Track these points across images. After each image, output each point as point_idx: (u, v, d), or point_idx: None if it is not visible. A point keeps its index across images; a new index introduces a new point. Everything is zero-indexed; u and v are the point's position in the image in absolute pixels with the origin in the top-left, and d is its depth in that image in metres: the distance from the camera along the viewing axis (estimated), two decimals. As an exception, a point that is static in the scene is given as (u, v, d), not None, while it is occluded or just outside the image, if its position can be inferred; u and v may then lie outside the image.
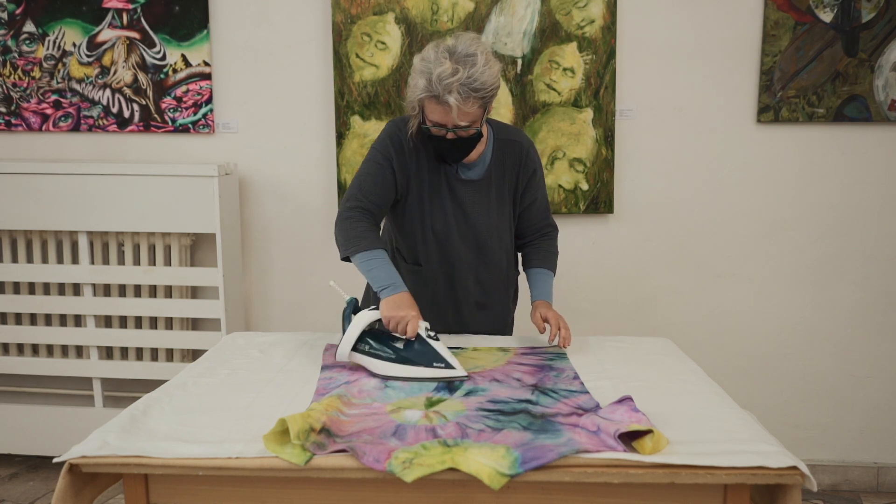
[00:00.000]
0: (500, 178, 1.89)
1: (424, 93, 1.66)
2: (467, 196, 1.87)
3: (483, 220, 1.89)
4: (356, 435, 1.32)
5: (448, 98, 1.63)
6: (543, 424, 1.36)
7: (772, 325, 2.76)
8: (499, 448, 1.25)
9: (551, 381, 1.62)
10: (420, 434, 1.32)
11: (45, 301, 2.72)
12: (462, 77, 1.62)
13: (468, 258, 1.92)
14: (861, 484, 2.80)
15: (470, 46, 1.66)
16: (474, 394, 1.54)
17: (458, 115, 1.66)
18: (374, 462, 1.22)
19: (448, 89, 1.62)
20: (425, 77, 1.65)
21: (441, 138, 1.74)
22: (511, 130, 1.95)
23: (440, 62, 1.64)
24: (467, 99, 1.64)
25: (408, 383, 1.60)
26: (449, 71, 1.62)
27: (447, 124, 1.70)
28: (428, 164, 1.85)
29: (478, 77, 1.63)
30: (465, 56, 1.64)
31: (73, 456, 1.25)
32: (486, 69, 1.65)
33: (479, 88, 1.64)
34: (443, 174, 1.86)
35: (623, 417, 1.32)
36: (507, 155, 1.88)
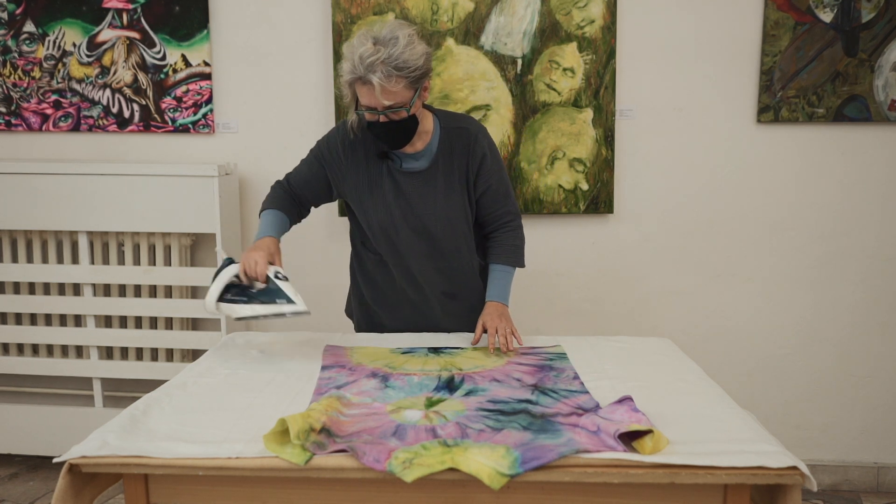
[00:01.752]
0: (448, 167, 1.88)
1: (350, 75, 1.70)
2: (412, 187, 1.88)
3: (430, 210, 1.88)
4: (356, 435, 1.32)
5: (371, 77, 1.66)
6: (543, 424, 1.36)
7: (772, 325, 2.76)
8: (499, 448, 1.25)
9: (551, 381, 1.62)
10: (420, 434, 1.32)
11: (45, 301, 2.72)
12: (383, 56, 1.66)
13: (421, 248, 1.92)
14: (861, 484, 2.80)
15: (394, 30, 1.71)
16: (474, 394, 1.54)
17: (381, 93, 1.68)
18: (374, 462, 1.22)
19: (370, 69, 1.66)
20: (349, 60, 1.69)
21: (376, 123, 1.76)
22: (459, 118, 1.95)
23: (362, 44, 1.69)
24: (390, 77, 1.67)
25: (407, 381, 1.60)
26: (370, 51, 1.66)
27: (376, 107, 1.72)
28: (367, 160, 1.89)
29: (398, 55, 1.67)
30: (387, 38, 1.69)
31: (73, 456, 1.25)
32: (409, 49, 1.69)
33: (401, 67, 1.67)
34: (384, 168, 1.88)
35: (623, 417, 1.32)
36: (455, 143, 1.88)
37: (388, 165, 1.88)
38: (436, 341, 1.92)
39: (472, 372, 1.66)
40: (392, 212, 1.88)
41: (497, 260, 1.96)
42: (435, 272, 1.95)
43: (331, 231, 2.77)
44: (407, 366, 1.72)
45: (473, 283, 2.00)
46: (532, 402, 1.49)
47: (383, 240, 1.92)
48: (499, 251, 1.97)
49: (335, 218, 2.76)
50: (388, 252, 1.95)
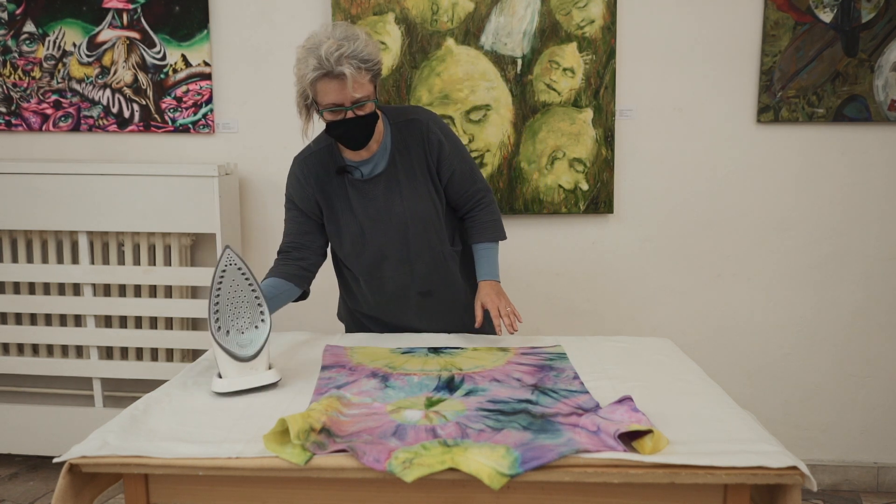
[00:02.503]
0: (406, 162, 1.87)
1: (317, 71, 1.68)
2: (376, 191, 1.87)
3: (398, 210, 1.87)
4: (356, 435, 1.32)
5: (342, 69, 1.66)
6: (543, 424, 1.36)
7: (772, 325, 2.76)
8: (499, 448, 1.25)
9: (551, 381, 1.61)
10: (420, 434, 1.32)
11: (45, 301, 2.72)
12: (348, 49, 1.67)
13: (394, 252, 1.90)
14: (861, 484, 2.80)
15: (348, 29, 1.72)
16: (474, 394, 1.54)
17: (353, 86, 1.68)
18: (374, 462, 1.22)
19: (339, 62, 1.66)
20: (314, 56, 1.67)
21: (340, 122, 1.74)
22: (407, 110, 1.93)
23: (323, 42, 1.68)
24: (360, 70, 1.68)
25: (408, 381, 1.61)
26: (335, 46, 1.66)
27: (344, 102, 1.70)
28: (330, 182, 1.88)
29: (363, 49, 1.68)
30: (347, 35, 1.70)
31: (73, 456, 1.25)
32: (370, 44, 1.71)
33: (367, 59, 1.69)
34: (345, 182, 1.87)
35: (623, 417, 1.32)
36: (408, 136, 1.87)
37: (347, 179, 1.87)
38: (435, 341, 1.92)
39: (472, 372, 1.66)
40: (361, 223, 1.87)
41: (480, 238, 1.95)
42: (408, 275, 1.93)
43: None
44: (407, 366, 1.71)
45: (448, 277, 1.98)
46: (532, 401, 1.48)
47: (354, 255, 1.91)
48: (479, 229, 1.96)
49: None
50: (361, 268, 1.93)
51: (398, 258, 1.91)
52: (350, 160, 1.87)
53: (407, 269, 1.92)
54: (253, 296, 1.58)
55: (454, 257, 1.98)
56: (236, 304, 1.56)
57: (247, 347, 1.56)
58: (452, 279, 1.98)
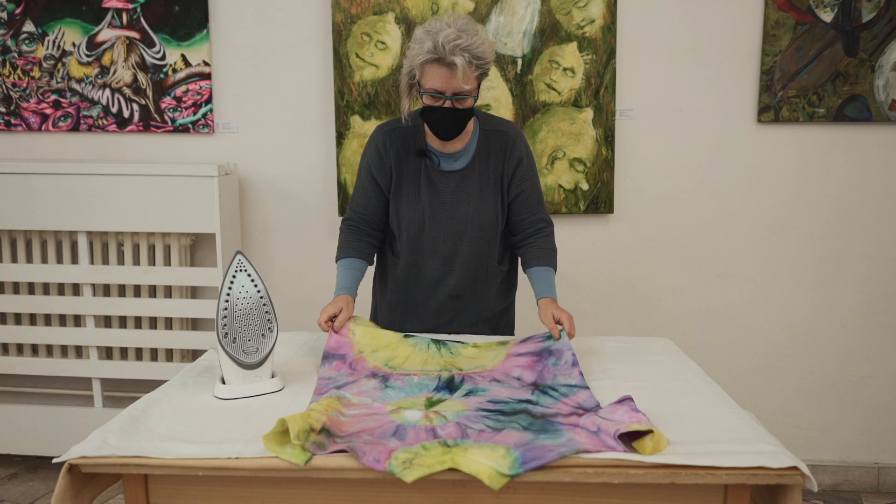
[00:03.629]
0: (484, 168, 1.91)
1: (429, 55, 1.71)
2: (447, 186, 1.90)
3: (462, 210, 1.90)
4: (356, 435, 1.32)
5: (454, 59, 1.69)
6: (543, 424, 1.36)
7: (772, 325, 2.76)
8: (499, 448, 1.25)
9: (550, 372, 1.62)
10: (420, 434, 1.32)
11: (45, 301, 2.72)
12: (465, 42, 1.70)
13: (444, 250, 1.93)
14: (861, 484, 2.80)
15: (469, 22, 1.75)
16: (474, 394, 1.54)
17: (462, 77, 1.71)
18: (374, 462, 1.22)
19: (454, 51, 1.69)
20: (431, 40, 1.70)
21: (436, 109, 1.78)
22: (498, 121, 1.97)
23: (444, 29, 1.71)
24: (470, 64, 1.71)
25: (407, 381, 1.61)
26: (454, 35, 1.69)
27: (446, 91, 1.74)
28: (407, 160, 1.91)
29: (479, 45, 1.71)
30: (467, 27, 1.73)
31: (73, 456, 1.25)
32: (486, 41, 1.75)
33: (480, 56, 1.72)
34: (422, 167, 1.90)
35: (623, 418, 1.32)
36: (493, 145, 1.91)
37: (425, 164, 1.90)
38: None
39: (472, 372, 1.67)
40: (423, 210, 1.91)
41: (540, 262, 1.95)
42: (450, 274, 1.96)
43: (331, 231, 2.77)
44: (407, 365, 1.72)
45: (483, 290, 2.00)
46: (532, 402, 1.49)
47: (407, 237, 1.94)
48: (540, 254, 1.96)
49: (335, 218, 2.76)
50: (409, 250, 1.96)
51: (445, 255, 1.94)
52: (433, 147, 1.90)
53: (448, 269, 1.96)
54: (261, 303, 1.58)
55: (496, 275, 2.01)
56: (245, 311, 1.56)
57: (252, 355, 1.56)
58: (486, 294, 2.01)
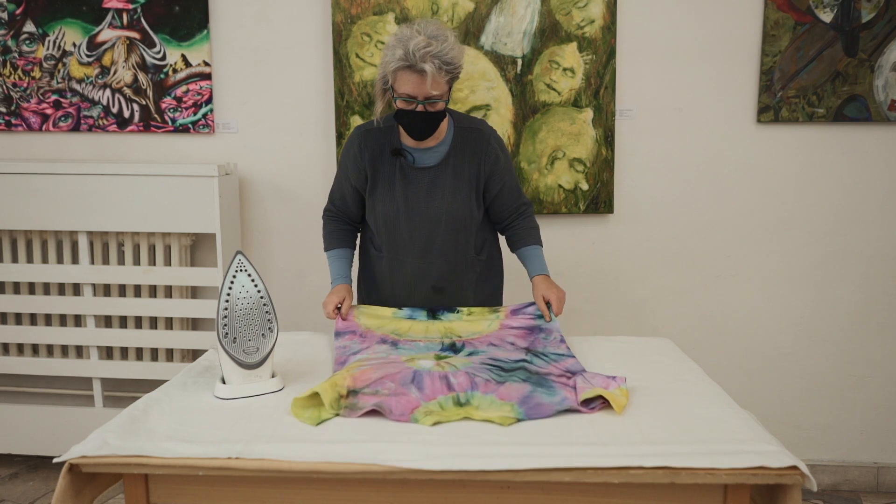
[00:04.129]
0: (459, 164, 1.98)
1: (400, 62, 1.78)
2: (421, 181, 1.98)
3: (436, 203, 1.98)
4: (380, 382, 1.49)
5: (424, 66, 1.77)
6: (539, 380, 1.55)
7: (772, 325, 2.76)
8: (505, 406, 1.45)
9: (541, 343, 1.81)
10: (435, 382, 1.51)
11: (45, 301, 2.72)
12: (435, 49, 1.78)
13: (420, 242, 2.01)
14: (861, 484, 2.80)
15: (440, 29, 1.83)
16: (475, 354, 1.74)
17: (431, 84, 1.79)
18: (400, 416, 1.41)
19: (423, 58, 1.77)
20: (402, 47, 1.78)
21: (409, 112, 1.86)
22: (473, 120, 2.06)
23: (414, 36, 1.79)
24: (440, 70, 1.80)
25: (414, 345, 1.78)
26: (423, 43, 1.77)
27: (418, 96, 1.82)
28: (381, 157, 1.99)
29: (448, 51, 1.80)
30: (437, 34, 1.81)
31: (73, 456, 1.25)
32: (456, 48, 1.83)
33: (449, 62, 1.81)
34: (397, 164, 1.99)
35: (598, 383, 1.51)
36: (467, 142, 1.99)
37: (400, 162, 1.98)
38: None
39: (471, 338, 1.85)
40: (398, 205, 1.98)
41: (527, 242, 2.08)
42: (429, 266, 2.03)
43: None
44: (411, 332, 1.89)
45: (464, 279, 2.08)
46: (527, 360, 1.68)
47: (385, 231, 2.02)
48: (526, 235, 2.09)
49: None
50: (387, 244, 2.04)
51: (422, 248, 2.02)
52: (407, 146, 1.99)
53: (427, 262, 2.02)
54: (261, 303, 1.58)
55: (475, 265, 2.09)
56: (245, 311, 1.56)
57: (252, 355, 1.56)
58: (467, 284, 2.09)
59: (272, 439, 1.31)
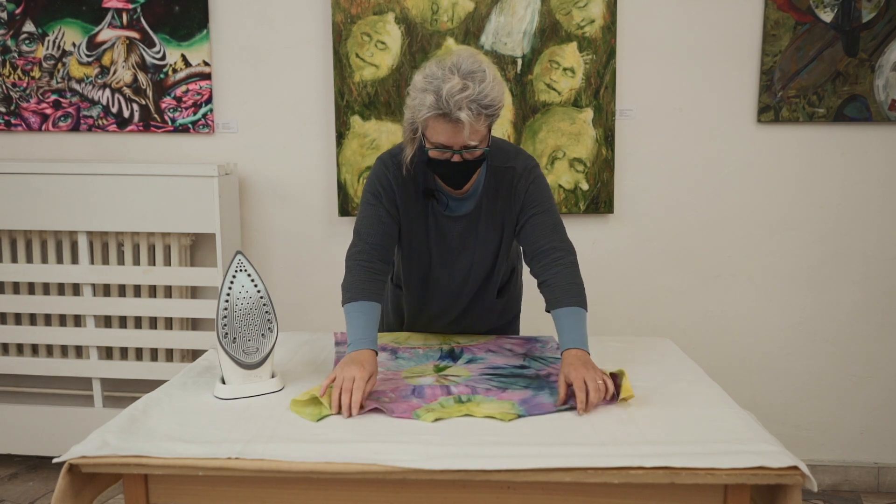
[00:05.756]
0: (491, 208, 1.78)
1: (432, 111, 1.54)
2: (452, 232, 1.80)
3: (466, 255, 1.82)
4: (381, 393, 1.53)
5: (460, 115, 1.52)
6: (540, 383, 1.60)
7: (772, 325, 2.76)
8: (505, 403, 1.48)
9: (539, 350, 1.85)
10: (436, 391, 1.55)
11: (45, 301, 2.72)
12: (473, 93, 1.52)
13: (449, 289, 1.88)
14: (861, 484, 2.80)
15: (474, 63, 1.57)
16: (475, 362, 1.76)
17: (469, 133, 1.55)
18: (402, 413, 1.43)
19: (459, 105, 1.52)
20: (433, 94, 1.53)
21: (444, 162, 1.63)
22: (509, 154, 1.78)
23: (447, 78, 1.53)
24: (479, 116, 1.55)
25: (414, 353, 1.80)
26: (459, 87, 1.52)
27: (454, 145, 1.58)
28: (416, 197, 1.77)
29: (488, 93, 1.54)
30: (472, 72, 1.55)
31: (73, 456, 1.25)
32: (495, 84, 1.56)
33: (488, 105, 1.55)
34: (429, 210, 1.78)
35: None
36: (500, 183, 1.77)
37: (432, 206, 1.77)
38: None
39: (469, 345, 1.89)
40: (432, 255, 1.83)
41: (564, 302, 1.65)
42: (453, 303, 1.93)
43: (331, 231, 2.77)
44: (410, 340, 1.93)
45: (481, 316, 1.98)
46: (525, 366, 1.71)
47: (417, 280, 1.89)
48: (562, 292, 1.66)
49: (335, 218, 2.76)
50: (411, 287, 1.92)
51: (452, 294, 1.90)
52: (441, 188, 1.76)
53: (453, 303, 1.92)
54: (261, 303, 1.58)
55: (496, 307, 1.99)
56: (245, 311, 1.56)
57: (252, 355, 1.56)
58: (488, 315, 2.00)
59: (272, 439, 1.31)
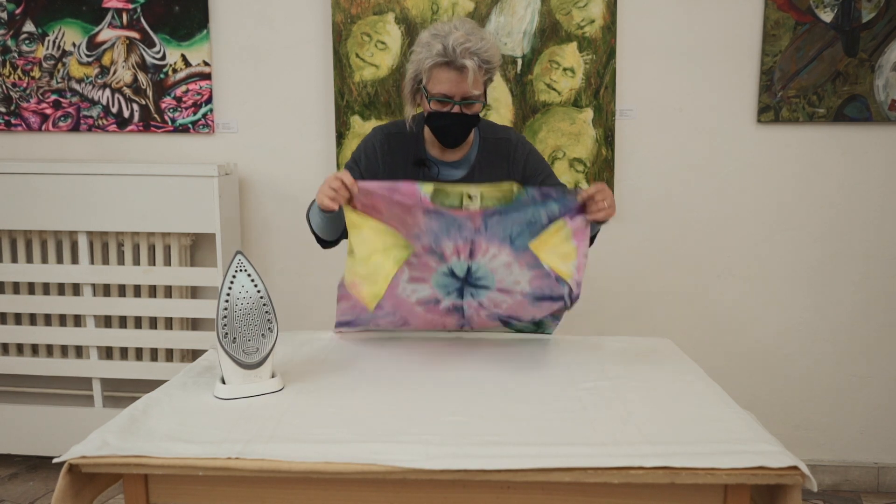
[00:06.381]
0: (486, 178, 1.83)
1: (439, 58, 1.67)
2: None
3: None
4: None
5: (465, 62, 1.66)
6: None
7: (772, 325, 2.76)
8: (504, 185, 1.59)
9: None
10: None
11: (45, 301, 2.72)
12: (475, 45, 1.67)
13: None
14: (861, 484, 2.80)
15: (475, 26, 1.74)
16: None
17: (472, 81, 1.68)
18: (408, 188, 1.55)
19: (464, 54, 1.66)
20: (440, 43, 1.67)
21: (443, 115, 1.74)
22: (499, 129, 1.93)
23: (453, 32, 1.68)
24: (480, 67, 1.69)
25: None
26: (463, 38, 1.67)
27: (455, 96, 1.71)
28: (405, 168, 1.83)
29: (488, 49, 1.70)
30: (474, 30, 1.71)
31: (73, 456, 1.25)
32: (493, 45, 1.72)
33: (488, 60, 1.70)
34: (418, 176, 1.83)
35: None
36: (494, 153, 1.87)
37: (423, 174, 1.84)
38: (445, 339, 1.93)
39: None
40: None
41: None
42: None
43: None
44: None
45: None
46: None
47: None
48: None
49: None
50: None
51: None
52: (433, 156, 1.85)
53: None
54: (261, 303, 1.58)
55: None
56: (245, 311, 1.56)
57: (252, 355, 1.56)
58: None
59: (272, 439, 1.31)
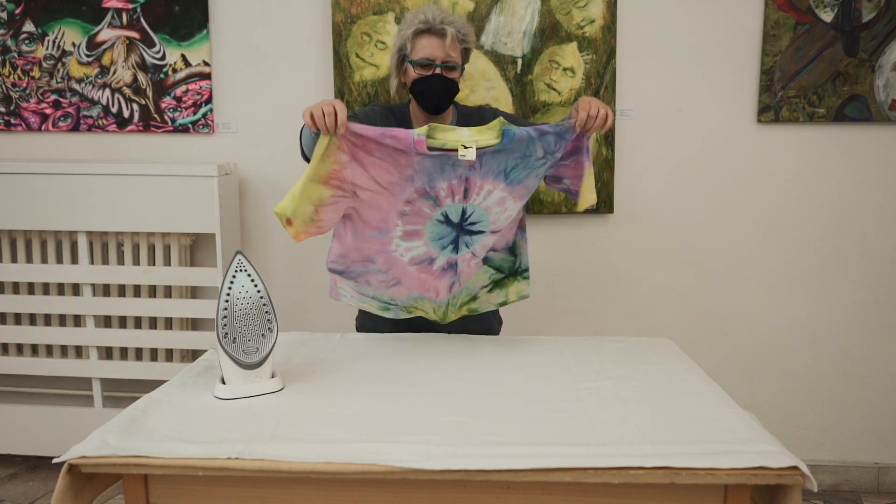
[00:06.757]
0: None
1: (421, 25, 1.91)
2: None
3: None
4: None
5: (447, 28, 1.91)
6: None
7: (772, 324, 2.76)
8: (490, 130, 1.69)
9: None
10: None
11: (45, 301, 2.72)
12: (453, 19, 1.95)
13: None
14: (861, 484, 2.80)
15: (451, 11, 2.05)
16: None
17: (451, 46, 1.92)
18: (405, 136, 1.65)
19: (444, 22, 1.92)
20: (420, 15, 1.93)
21: (427, 78, 1.93)
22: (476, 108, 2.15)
23: (430, 9, 1.95)
24: (456, 38, 1.93)
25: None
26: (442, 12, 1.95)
27: (436, 59, 1.92)
28: None
29: (463, 25, 1.97)
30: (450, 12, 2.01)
31: (73, 456, 1.25)
32: (469, 26, 2.00)
33: (464, 35, 1.96)
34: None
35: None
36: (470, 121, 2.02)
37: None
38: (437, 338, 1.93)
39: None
40: None
41: None
42: None
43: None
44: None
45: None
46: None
47: None
48: None
49: (335, 218, 2.75)
50: None
51: None
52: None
53: None
54: (261, 303, 1.58)
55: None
56: (245, 311, 1.56)
57: (252, 355, 1.56)
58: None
59: (272, 439, 1.31)
